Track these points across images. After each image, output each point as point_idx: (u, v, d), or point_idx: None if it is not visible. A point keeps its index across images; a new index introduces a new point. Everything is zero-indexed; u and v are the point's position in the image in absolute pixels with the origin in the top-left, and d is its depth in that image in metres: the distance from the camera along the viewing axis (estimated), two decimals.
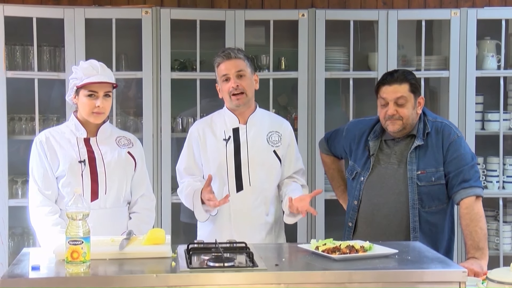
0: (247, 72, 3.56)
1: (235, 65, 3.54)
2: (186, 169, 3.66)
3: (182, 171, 3.67)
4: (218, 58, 3.59)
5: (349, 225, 3.60)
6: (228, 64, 3.54)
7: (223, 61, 3.55)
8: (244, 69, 3.55)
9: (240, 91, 3.53)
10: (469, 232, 3.37)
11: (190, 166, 3.65)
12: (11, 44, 4.67)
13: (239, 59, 3.55)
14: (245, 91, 3.54)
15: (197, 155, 3.64)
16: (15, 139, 4.69)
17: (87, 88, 3.31)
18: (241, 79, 3.54)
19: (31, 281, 2.48)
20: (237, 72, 3.53)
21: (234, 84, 3.52)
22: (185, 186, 3.63)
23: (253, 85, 3.60)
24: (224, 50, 3.62)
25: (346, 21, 4.81)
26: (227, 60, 3.54)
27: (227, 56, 3.54)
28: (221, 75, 3.56)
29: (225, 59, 3.55)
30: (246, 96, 3.56)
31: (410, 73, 3.53)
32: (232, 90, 3.53)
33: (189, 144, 3.68)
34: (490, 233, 4.82)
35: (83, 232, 2.56)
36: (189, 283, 2.51)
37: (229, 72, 3.53)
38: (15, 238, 4.69)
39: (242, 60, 3.56)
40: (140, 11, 4.65)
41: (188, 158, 3.66)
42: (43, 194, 3.34)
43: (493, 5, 5.21)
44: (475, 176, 3.45)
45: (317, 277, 2.56)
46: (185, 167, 3.66)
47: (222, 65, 3.56)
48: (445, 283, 2.57)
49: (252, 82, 3.59)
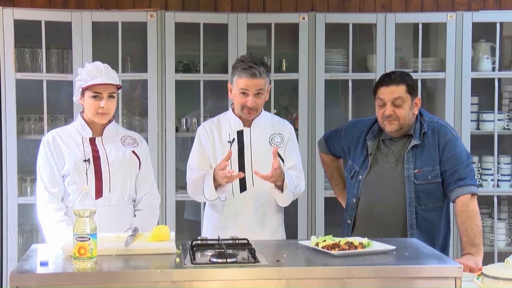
0: (265, 90, 3.53)
1: (257, 84, 3.48)
2: (199, 164, 3.63)
3: (195, 166, 3.63)
4: (241, 72, 3.48)
5: (348, 222, 3.60)
6: (250, 83, 3.47)
7: (247, 77, 3.47)
8: (264, 87, 3.51)
9: (254, 109, 3.53)
10: (464, 229, 3.37)
11: (201, 162, 3.63)
12: (21, 47, 4.67)
13: (262, 79, 3.48)
14: (258, 108, 3.54)
15: (207, 151, 3.63)
16: (24, 139, 4.69)
17: (91, 89, 3.31)
18: (258, 97, 3.51)
19: (39, 276, 2.49)
20: (257, 91, 3.50)
21: (250, 104, 3.49)
22: (193, 176, 3.61)
23: (265, 99, 3.59)
24: (250, 65, 3.48)
25: (345, 24, 4.81)
26: (251, 78, 3.46)
27: (252, 75, 3.46)
28: (239, 88, 3.50)
29: (249, 76, 3.46)
30: (257, 112, 3.56)
31: (407, 75, 3.53)
32: (247, 106, 3.51)
33: (199, 142, 3.66)
34: (485, 230, 4.82)
35: (90, 229, 2.56)
36: (193, 279, 2.51)
37: (249, 90, 3.48)
38: (24, 235, 4.69)
39: (264, 79, 3.50)
40: (145, 14, 4.65)
41: (199, 155, 3.64)
42: (50, 192, 3.34)
43: (488, 9, 5.20)
44: (471, 175, 3.45)
45: (317, 273, 2.57)
46: (198, 162, 3.63)
47: (244, 80, 3.47)
48: (441, 279, 2.57)
49: (266, 97, 3.58)
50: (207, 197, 3.55)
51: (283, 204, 3.62)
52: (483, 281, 2.69)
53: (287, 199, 3.56)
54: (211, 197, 3.54)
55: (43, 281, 2.47)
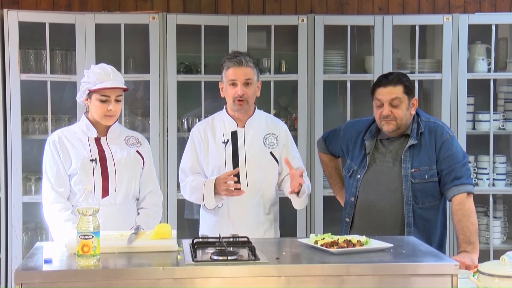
0: (253, 81, 3.53)
1: (245, 73, 3.50)
2: (191, 168, 3.64)
3: (187, 170, 3.65)
4: (228, 62, 3.53)
5: (346, 221, 3.60)
6: (238, 71, 3.49)
7: (234, 66, 3.50)
8: (252, 77, 3.52)
9: (244, 99, 3.52)
10: (461, 227, 3.37)
11: (194, 165, 3.64)
12: (25, 48, 4.67)
13: (249, 67, 3.50)
14: (248, 99, 3.53)
15: (199, 155, 3.63)
16: (28, 139, 4.69)
17: (99, 92, 3.30)
18: (248, 87, 3.51)
19: (44, 274, 2.48)
20: (245, 80, 3.50)
21: (240, 92, 3.49)
22: (189, 181, 3.61)
23: (256, 92, 3.58)
24: (236, 55, 3.55)
25: (343, 26, 4.81)
26: (238, 66, 3.49)
27: (238, 63, 3.49)
28: (228, 79, 3.52)
29: (236, 65, 3.49)
30: (248, 103, 3.54)
31: (404, 76, 3.52)
32: (237, 96, 3.51)
33: (192, 144, 3.66)
34: (481, 228, 4.82)
35: (93, 227, 2.55)
36: (194, 276, 2.51)
37: (237, 79, 3.49)
38: (28, 233, 4.69)
39: (251, 68, 3.51)
40: (147, 16, 4.65)
41: (192, 158, 3.65)
42: (56, 192, 3.33)
43: (484, 11, 5.21)
44: (467, 174, 3.45)
45: (316, 270, 2.57)
46: (190, 166, 3.64)
47: (231, 70, 3.50)
48: (438, 276, 2.57)
49: (255, 89, 3.57)
50: (207, 205, 3.56)
51: (300, 207, 3.64)
52: (479, 278, 2.69)
53: (303, 203, 3.60)
54: (210, 206, 3.56)
55: (47, 278, 2.47)
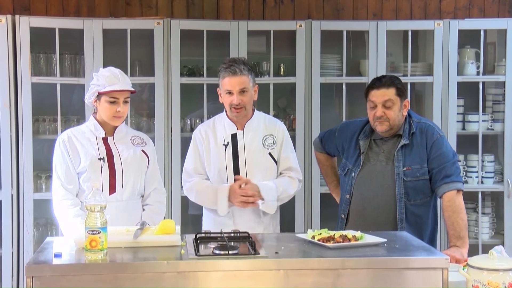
0: (249, 88, 3.49)
1: (240, 82, 3.46)
2: (194, 169, 3.63)
3: (190, 171, 3.64)
4: (223, 72, 3.48)
5: (341, 217, 3.60)
6: (232, 81, 3.46)
7: (229, 76, 3.46)
8: (247, 85, 3.48)
9: (241, 106, 3.51)
10: (451, 223, 3.37)
11: (197, 166, 3.63)
12: (36, 52, 4.67)
13: (244, 76, 3.46)
14: (245, 106, 3.51)
15: (202, 156, 3.63)
16: (39, 139, 4.69)
17: (109, 94, 3.32)
18: (243, 95, 3.48)
19: (53, 267, 2.49)
20: (241, 89, 3.47)
21: (236, 101, 3.47)
22: (195, 183, 3.60)
23: (252, 97, 3.54)
24: (231, 64, 3.48)
25: (339, 31, 4.81)
26: (233, 76, 3.45)
27: (233, 73, 3.44)
28: (224, 89, 3.49)
29: (231, 75, 3.45)
30: (245, 109, 3.53)
31: (396, 78, 3.53)
32: (234, 104, 3.49)
33: (195, 146, 3.65)
34: (470, 224, 4.82)
35: (101, 222, 2.56)
36: (197, 269, 2.52)
37: (233, 89, 3.46)
38: (39, 228, 4.69)
39: (246, 76, 3.47)
40: (152, 22, 4.66)
41: (195, 159, 3.64)
42: (66, 189, 3.34)
43: (473, 17, 5.22)
44: (456, 172, 3.45)
45: (313, 264, 2.57)
46: (193, 167, 3.63)
47: (226, 79, 3.47)
48: (430, 269, 2.58)
49: (252, 95, 3.53)
50: (220, 212, 3.54)
51: (270, 211, 3.60)
52: (468, 272, 2.69)
53: (271, 208, 3.57)
54: (223, 213, 3.54)
55: (57, 271, 2.48)
